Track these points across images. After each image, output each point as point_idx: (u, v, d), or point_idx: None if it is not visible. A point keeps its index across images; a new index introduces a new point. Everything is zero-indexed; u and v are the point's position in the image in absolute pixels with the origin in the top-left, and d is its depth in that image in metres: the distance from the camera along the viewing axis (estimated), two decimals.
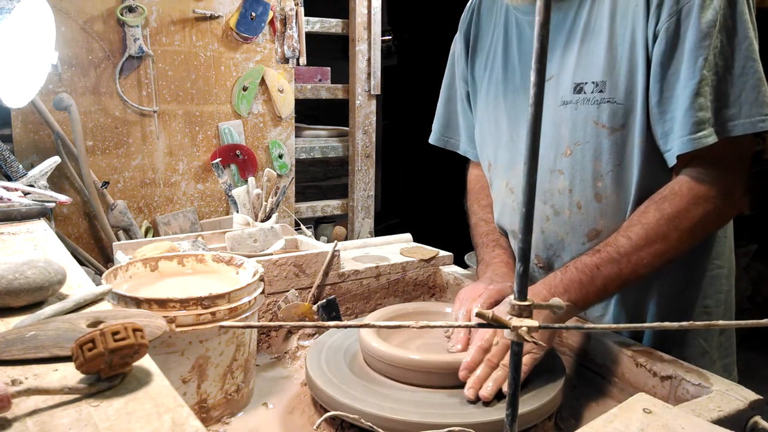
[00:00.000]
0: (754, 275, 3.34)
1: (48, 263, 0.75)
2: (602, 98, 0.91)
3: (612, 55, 0.90)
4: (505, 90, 1.06)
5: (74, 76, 1.97)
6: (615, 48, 0.90)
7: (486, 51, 1.13)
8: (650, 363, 0.85)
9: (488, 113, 1.11)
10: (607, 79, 0.91)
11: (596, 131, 0.93)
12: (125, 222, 2.02)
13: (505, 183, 1.08)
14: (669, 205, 0.86)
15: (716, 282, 1.00)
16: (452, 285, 1.26)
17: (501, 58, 1.08)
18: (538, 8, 0.40)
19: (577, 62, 0.94)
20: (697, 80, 0.83)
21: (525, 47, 1.04)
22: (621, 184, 0.94)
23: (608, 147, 0.93)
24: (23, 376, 0.56)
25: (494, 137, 1.10)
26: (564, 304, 0.46)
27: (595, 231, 0.97)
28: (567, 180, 0.97)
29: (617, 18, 0.90)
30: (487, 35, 1.14)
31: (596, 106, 0.92)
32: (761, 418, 0.72)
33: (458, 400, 0.79)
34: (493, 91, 1.09)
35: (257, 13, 2.21)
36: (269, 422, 0.87)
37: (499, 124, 1.08)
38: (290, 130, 2.38)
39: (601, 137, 0.93)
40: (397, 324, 0.48)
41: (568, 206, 0.98)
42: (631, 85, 0.89)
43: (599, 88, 0.92)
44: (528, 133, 0.43)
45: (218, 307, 0.82)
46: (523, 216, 0.43)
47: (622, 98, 0.90)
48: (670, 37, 0.85)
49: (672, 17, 0.84)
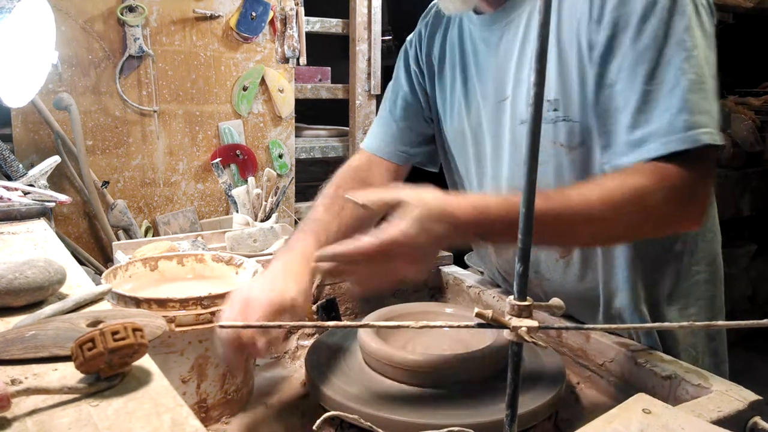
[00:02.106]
0: (754, 275, 3.34)
1: (48, 263, 0.75)
2: (557, 117, 0.88)
3: (562, 72, 0.87)
4: (468, 106, 1.04)
5: (74, 75, 1.97)
6: (564, 65, 0.87)
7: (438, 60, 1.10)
8: (650, 363, 0.85)
9: (455, 126, 1.08)
10: (560, 97, 0.88)
11: (555, 150, 0.90)
12: (125, 222, 2.02)
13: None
14: (632, 179, 0.78)
15: (695, 289, 0.98)
16: (452, 285, 1.26)
17: (459, 71, 1.05)
18: (539, 8, 0.40)
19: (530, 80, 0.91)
20: (638, 96, 0.79)
21: (480, 62, 1.01)
22: None
23: (568, 165, 0.90)
24: (23, 376, 0.56)
25: (463, 150, 1.08)
26: (563, 305, 0.46)
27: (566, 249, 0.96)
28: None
29: (563, 32, 0.87)
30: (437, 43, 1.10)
31: (552, 125, 0.89)
32: (761, 419, 0.72)
33: (458, 400, 0.79)
34: (456, 104, 1.06)
35: (257, 13, 2.21)
36: (269, 422, 0.87)
37: (465, 137, 1.06)
38: (290, 130, 2.39)
39: (560, 156, 0.90)
40: (397, 324, 0.48)
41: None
42: (584, 102, 0.86)
43: (553, 107, 0.88)
44: (528, 133, 0.43)
45: (218, 306, 0.82)
46: (523, 216, 0.43)
47: (578, 116, 0.87)
48: (610, 50, 0.81)
49: (611, 29, 0.81)
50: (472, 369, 0.82)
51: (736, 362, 1.04)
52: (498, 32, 0.97)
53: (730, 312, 1.05)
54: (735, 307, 3.17)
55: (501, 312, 0.46)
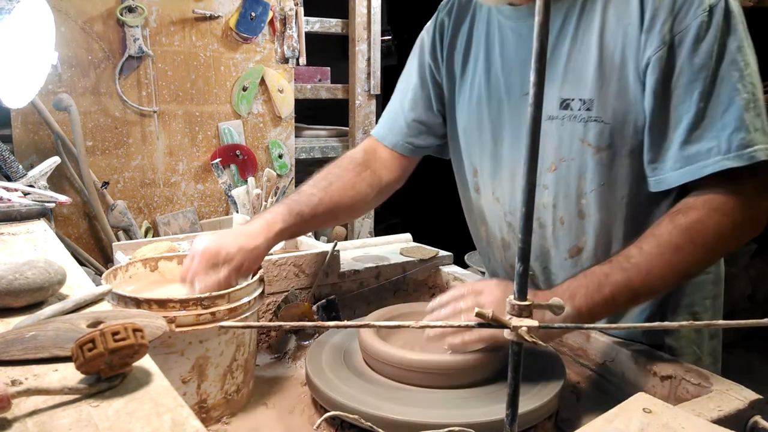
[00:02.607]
0: (754, 274, 3.34)
1: (48, 263, 0.75)
2: (589, 117, 0.89)
3: (602, 73, 0.88)
4: (489, 98, 1.03)
5: (74, 76, 1.97)
6: (605, 66, 0.87)
7: (463, 52, 1.09)
8: (650, 362, 0.85)
9: (472, 119, 1.08)
10: (596, 98, 0.88)
11: (582, 149, 0.91)
12: (125, 222, 2.03)
13: (491, 192, 1.06)
14: (682, 217, 0.83)
15: (703, 288, 1.00)
16: (452, 285, 1.26)
17: (483, 63, 1.05)
18: (538, 8, 0.40)
19: (564, 77, 0.91)
20: (693, 113, 0.81)
21: (507, 55, 1.00)
22: (605, 203, 0.92)
23: (593, 166, 0.91)
24: (23, 377, 0.56)
25: (479, 145, 1.07)
26: (563, 304, 0.46)
27: (577, 248, 0.97)
28: (551, 195, 0.96)
29: (607, 35, 0.87)
30: (463, 35, 1.09)
31: (583, 124, 0.90)
32: (761, 418, 0.73)
33: (458, 400, 0.79)
34: (476, 96, 1.06)
35: (257, 13, 2.21)
36: (269, 422, 0.87)
37: (483, 131, 1.06)
38: (290, 130, 2.39)
39: (586, 155, 0.91)
40: (397, 324, 0.48)
41: (552, 221, 0.97)
42: (620, 107, 0.87)
43: (587, 106, 0.89)
44: (527, 133, 0.43)
45: (218, 307, 0.82)
46: (523, 215, 0.43)
47: (611, 118, 0.88)
48: (663, 68, 0.82)
49: (664, 46, 0.82)
50: (473, 369, 0.82)
51: (736, 361, 1.05)
52: (531, 23, 0.96)
53: (731, 311, 1.06)
54: (735, 306, 3.17)
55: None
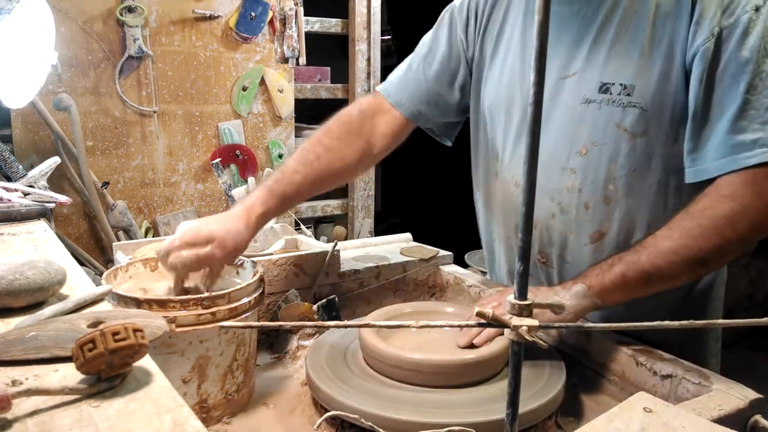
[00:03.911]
0: (754, 273, 3.34)
1: (48, 264, 0.75)
2: (629, 102, 0.90)
3: (646, 59, 0.89)
4: (522, 80, 1.03)
5: (74, 76, 1.97)
6: (650, 53, 0.88)
7: (497, 31, 1.08)
8: (650, 362, 0.85)
9: (500, 100, 1.07)
10: (637, 84, 0.89)
11: (616, 134, 0.92)
12: (125, 222, 2.03)
13: (511, 176, 1.06)
14: (694, 204, 0.85)
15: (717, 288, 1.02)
16: (452, 285, 1.26)
17: (518, 44, 1.04)
18: (538, 8, 0.40)
19: (606, 61, 0.92)
20: (739, 104, 0.82)
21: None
22: (633, 189, 0.93)
23: (626, 152, 0.92)
24: (23, 377, 0.56)
25: (505, 126, 1.06)
26: (563, 303, 0.46)
27: (599, 233, 0.97)
28: (578, 179, 0.96)
29: (657, 23, 0.88)
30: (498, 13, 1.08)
31: (621, 109, 0.91)
32: (762, 417, 0.72)
33: (458, 400, 0.79)
34: (507, 77, 1.05)
35: (257, 13, 2.21)
36: (269, 422, 0.87)
37: (510, 114, 1.05)
38: (290, 130, 2.39)
39: (620, 141, 0.92)
40: (397, 324, 0.47)
41: (576, 205, 0.97)
42: (661, 94, 0.88)
43: (627, 91, 0.90)
44: (527, 132, 0.43)
45: (218, 307, 0.82)
46: (523, 215, 0.43)
47: (649, 105, 0.89)
48: (710, 58, 0.84)
49: (712, 38, 0.83)
50: (473, 369, 0.82)
51: (737, 360, 1.05)
52: (576, 7, 0.96)
53: (731, 310, 1.07)
54: (735, 306, 3.17)
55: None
